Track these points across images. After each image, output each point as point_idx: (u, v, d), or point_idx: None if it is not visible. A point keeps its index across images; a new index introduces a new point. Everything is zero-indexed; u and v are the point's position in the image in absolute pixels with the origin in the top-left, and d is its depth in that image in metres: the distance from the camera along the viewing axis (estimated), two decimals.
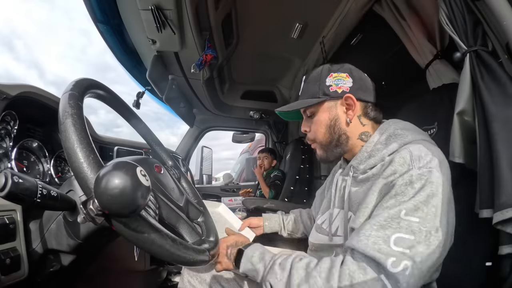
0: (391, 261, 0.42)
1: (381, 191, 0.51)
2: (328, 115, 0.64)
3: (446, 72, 0.88)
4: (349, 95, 0.61)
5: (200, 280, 0.68)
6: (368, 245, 0.44)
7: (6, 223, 0.47)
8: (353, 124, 0.63)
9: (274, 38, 1.54)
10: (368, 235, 0.45)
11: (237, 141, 2.73)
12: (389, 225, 0.45)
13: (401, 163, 0.50)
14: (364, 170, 0.60)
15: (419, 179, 0.47)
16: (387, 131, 0.60)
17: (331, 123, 0.63)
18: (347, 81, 0.62)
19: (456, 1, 0.60)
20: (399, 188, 0.48)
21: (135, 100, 1.45)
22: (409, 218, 0.44)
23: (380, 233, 0.45)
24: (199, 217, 0.66)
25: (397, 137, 0.57)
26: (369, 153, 0.60)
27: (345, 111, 0.63)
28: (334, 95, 0.62)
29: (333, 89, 0.62)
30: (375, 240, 0.44)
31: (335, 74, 0.63)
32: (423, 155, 0.50)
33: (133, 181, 0.31)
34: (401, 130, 0.58)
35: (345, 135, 0.63)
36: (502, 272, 0.50)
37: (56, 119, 0.38)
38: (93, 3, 1.08)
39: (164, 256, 0.38)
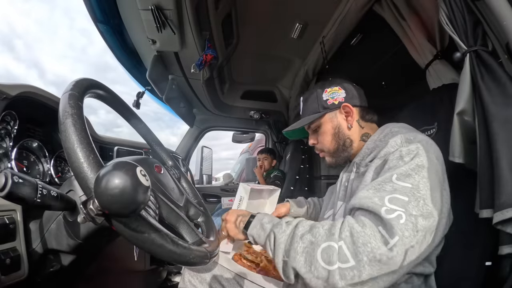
0: (385, 209, 0.46)
1: (376, 170, 0.57)
2: (331, 124, 0.72)
3: (446, 72, 0.88)
4: (345, 104, 0.70)
5: (200, 280, 0.68)
6: (363, 200, 0.49)
7: (6, 223, 0.47)
8: (354, 128, 0.71)
9: (274, 38, 1.54)
10: (363, 196, 0.50)
11: (237, 141, 2.73)
12: (383, 188, 0.49)
13: (392, 145, 0.57)
14: (365, 164, 0.66)
15: (408, 153, 0.53)
16: (385, 130, 0.66)
17: (335, 131, 0.72)
18: (341, 92, 0.71)
19: (456, 1, 0.60)
20: (391, 162, 0.54)
21: (135, 100, 1.45)
22: (402, 184, 0.48)
23: (375, 194, 0.49)
24: (199, 217, 0.66)
25: (394, 134, 0.62)
26: (370, 150, 0.66)
27: (344, 118, 0.71)
28: (332, 106, 0.71)
29: (330, 102, 0.71)
30: (370, 197, 0.49)
31: (329, 89, 0.72)
32: (412, 138, 0.56)
33: (133, 181, 0.31)
34: (397, 128, 0.64)
35: (349, 139, 0.71)
36: (502, 272, 0.50)
37: (56, 119, 0.38)
38: (93, 3, 1.08)
39: (164, 256, 0.38)
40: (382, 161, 0.57)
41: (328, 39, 1.43)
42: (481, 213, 0.53)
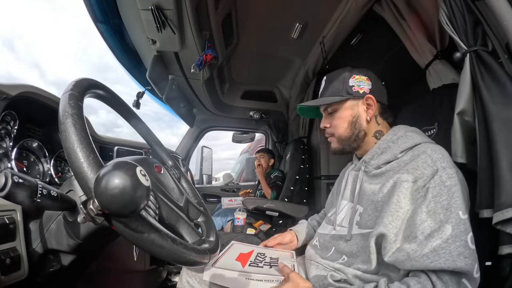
0: (477, 267, 0.46)
1: (414, 196, 0.54)
2: (351, 112, 0.69)
3: (446, 72, 0.88)
4: (370, 95, 0.68)
5: (199, 280, 0.68)
6: (453, 257, 0.46)
7: (6, 223, 0.47)
8: (371, 122, 0.69)
9: (274, 38, 1.54)
10: (444, 248, 0.47)
11: (237, 141, 2.73)
12: (458, 228, 0.48)
13: (425, 166, 0.55)
14: (377, 165, 0.65)
15: (448, 178, 0.52)
16: (399, 132, 0.66)
17: (353, 119, 0.69)
18: (367, 83, 0.69)
19: (456, 1, 0.60)
20: (434, 190, 0.52)
21: (135, 100, 1.45)
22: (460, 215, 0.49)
23: (453, 240, 0.47)
24: (199, 217, 0.66)
25: (407, 138, 0.63)
26: (382, 150, 0.65)
27: (365, 109, 0.69)
28: (357, 94, 0.68)
29: (356, 89, 0.68)
30: (457, 249, 0.46)
31: (357, 76, 0.69)
32: (440, 156, 0.56)
33: (133, 181, 0.31)
34: (411, 132, 0.65)
35: (363, 132, 0.69)
36: (502, 272, 0.50)
37: (56, 119, 0.38)
38: (93, 3, 1.08)
39: (164, 256, 0.38)
40: (418, 186, 0.54)
41: (328, 39, 1.43)
42: (481, 213, 0.53)
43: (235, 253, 0.75)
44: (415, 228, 0.51)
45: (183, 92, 1.79)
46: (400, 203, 0.55)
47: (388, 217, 0.55)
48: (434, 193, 0.52)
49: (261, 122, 2.48)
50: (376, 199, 0.61)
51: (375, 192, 0.62)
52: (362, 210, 0.64)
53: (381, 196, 0.60)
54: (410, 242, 0.51)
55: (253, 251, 0.79)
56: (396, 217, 0.54)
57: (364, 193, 0.65)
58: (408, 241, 0.51)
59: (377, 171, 0.65)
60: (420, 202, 0.53)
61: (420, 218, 0.51)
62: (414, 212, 0.53)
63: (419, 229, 0.50)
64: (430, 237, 0.49)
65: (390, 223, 0.54)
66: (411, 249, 0.50)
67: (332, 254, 0.67)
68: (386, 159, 0.63)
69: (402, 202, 0.55)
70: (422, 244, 0.49)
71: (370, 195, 0.63)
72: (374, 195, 0.62)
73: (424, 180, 0.54)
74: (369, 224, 0.61)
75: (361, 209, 0.64)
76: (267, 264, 0.70)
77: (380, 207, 0.59)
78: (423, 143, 0.61)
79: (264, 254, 0.77)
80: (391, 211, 0.55)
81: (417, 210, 0.52)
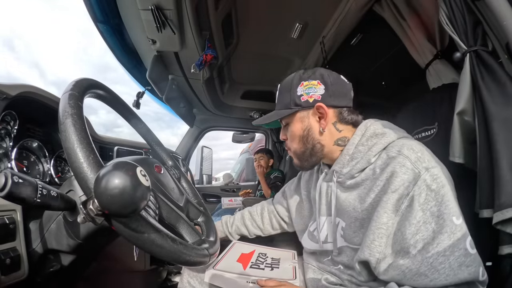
0: (482, 270, 0.44)
1: (396, 207, 0.49)
2: (301, 125, 0.62)
3: (446, 72, 0.88)
4: (320, 104, 0.59)
5: (200, 281, 0.68)
6: (454, 270, 0.42)
7: (6, 223, 0.47)
8: (328, 132, 0.61)
9: (274, 38, 1.54)
10: (442, 263, 0.43)
11: (237, 141, 2.73)
12: (454, 237, 0.44)
13: (404, 171, 0.49)
14: (351, 175, 0.58)
15: (434, 180, 0.47)
16: (367, 131, 0.59)
17: (304, 133, 0.62)
18: (319, 88, 0.60)
19: (456, 1, 0.60)
20: (419, 197, 0.47)
21: (135, 100, 1.45)
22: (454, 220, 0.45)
23: (451, 251, 0.43)
24: (199, 217, 0.66)
25: (379, 137, 0.56)
26: (351, 156, 0.58)
27: (317, 120, 0.61)
28: (306, 105, 0.61)
29: (304, 98, 0.60)
30: (456, 260, 0.43)
31: (306, 82, 0.61)
32: (419, 155, 0.50)
33: (133, 181, 0.31)
34: (381, 129, 0.58)
35: (319, 144, 0.62)
36: (502, 272, 0.50)
37: (56, 119, 0.38)
38: (93, 3, 1.08)
39: (164, 256, 0.38)
40: (401, 195, 0.49)
41: (328, 39, 1.43)
42: (481, 213, 0.53)
43: (236, 253, 0.75)
44: (406, 242, 0.47)
45: (183, 92, 1.79)
46: (380, 219, 0.49)
47: (369, 236, 0.50)
48: (421, 200, 0.47)
49: None
50: (361, 216, 0.56)
51: (356, 209, 0.57)
52: (344, 225, 0.60)
53: (366, 213, 0.55)
54: (403, 258, 0.47)
55: (254, 251, 0.79)
56: (378, 235, 0.49)
57: (342, 207, 0.60)
58: (401, 256, 0.47)
59: (352, 182, 0.58)
60: (406, 212, 0.48)
61: (409, 231, 0.46)
62: (400, 225, 0.48)
63: (410, 244, 0.46)
64: (425, 251, 0.44)
65: (372, 242, 0.50)
66: (405, 267, 0.46)
67: (328, 261, 0.66)
68: (359, 167, 0.57)
69: (383, 217, 0.49)
70: (416, 259, 0.45)
71: (351, 211, 0.58)
72: (356, 212, 0.57)
73: (406, 187, 0.48)
74: (355, 241, 0.57)
75: (343, 224, 0.60)
76: (268, 266, 0.70)
77: (366, 222, 0.55)
78: (396, 141, 0.55)
79: (266, 255, 0.77)
80: (372, 230, 0.50)
81: (404, 222, 0.47)
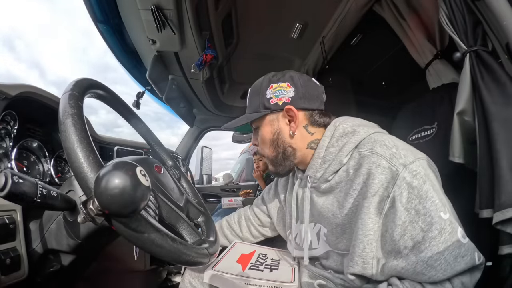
0: (477, 255, 0.44)
1: (379, 210, 0.48)
2: (271, 129, 0.61)
3: (446, 72, 0.88)
4: (289, 106, 0.58)
5: (201, 281, 0.68)
6: (450, 264, 0.42)
7: (6, 223, 0.47)
8: (299, 135, 0.60)
9: (274, 38, 1.54)
10: (437, 259, 0.42)
11: (237, 141, 2.73)
12: (445, 232, 0.43)
13: (380, 171, 0.47)
14: (324, 179, 0.57)
15: (414, 176, 0.46)
16: (336, 131, 0.57)
17: (274, 137, 0.61)
18: (288, 91, 0.59)
19: (456, 1, 0.60)
20: (401, 197, 0.45)
21: (135, 100, 1.45)
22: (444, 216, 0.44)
23: (446, 246, 0.43)
24: (199, 217, 0.66)
25: (349, 136, 0.55)
26: (323, 159, 0.57)
27: (287, 123, 0.60)
28: (275, 107, 0.59)
29: (274, 101, 0.59)
30: (451, 254, 0.42)
31: (275, 85, 0.60)
32: (393, 150, 0.48)
33: (133, 181, 0.31)
34: (350, 127, 0.56)
35: (290, 148, 0.61)
36: (502, 272, 0.50)
37: (56, 119, 0.38)
38: (93, 3, 1.08)
39: (164, 256, 0.38)
40: (381, 197, 0.47)
41: (328, 39, 1.43)
42: (481, 213, 0.53)
43: (236, 254, 0.75)
44: (395, 243, 0.46)
45: (183, 92, 1.79)
46: (366, 225, 0.48)
47: (359, 246, 0.49)
48: (403, 200, 0.45)
49: None
50: (341, 222, 0.55)
51: (336, 215, 0.56)
52: (326, 231, 0.59)
53: (346, 218, 0.54)
54: (396, 258, 0.46)
55: (255, 251, 0.79)
56: (367, 243, 0.49)
57: (321, 213, 0.59)
58: (393, 257, 0.47)
59: (326, 185, 0.57)
60: (390, 214, 0.46)
61: (396, 232, 0.45)
62: (387, 227, 0.47)
63: (400, 244, 0.45)
64: (417, 251, 0.44)
65: (363, 250, 0.49)
66: (400, 267, 0.45)
67: (319, 264, 0.66)
68: (332, 170, 0.56)
69: (369, 223, 0.48)
70: (411, 260, 0.44)
71: (331, 217, 0.57)
72: (336, 218, 0.56)
73: (385, 188, 0.47)
74: (341, 246, 0.56)
75: (325, 230, 0.59)
76: (268, 267, 0.70)
77: (349, 229, 0.54)
78: (367, 137, 0.53)
79: (266, 255, 0.77)
80: (360, 238, 0.49)
81: (390, 224, 0.46)
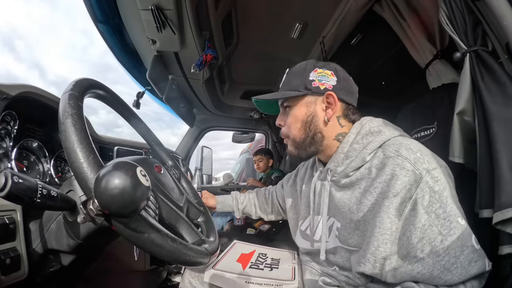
0: (487, 261, 0.45)
1: (399, 211, 0.48)
2: (306, 110, 0.61)
3: (446, 72, 0.88)
4: (330, 92, 0.58)
5: (201, 281, 0.68)
6: (465, 268, 0.43)
7: (6, 223, 0.47)
8: (331, 123, 0.60)
9: (274, 38, 1.54)
10: (454, 263, 0.43)
11: (237, 141, 2.73)
12: (462, 237, 0.45)
13: (404, 173, 0.48)
14: (345, 174, 0.57)
15: (436, 182, 0.47)
16: (362, 129, 0.58)
17: (308, 119, 0.60)
18: (331, 79, 0.60)
19: (456, 1, 0.60)
20: (423, 200, 0.46)
21: (135, 100, 1.45)
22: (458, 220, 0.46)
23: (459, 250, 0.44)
24: (199, 217, 0.66)
25: (374, 135, 0.56)
26: (346, 154, 0.58)
27: (324, 109, 0.60)
28: (316, 90, 0.59)
29: (316, 84, 0.59)
30: (466, 258, 0.44)
31: (320, 70, 0.61)
32: (418, 155, 0.50)
33: (133, 181, 0.31)
34: (377, 127, 0.57)
35: (320, 134, 0.60)
36: (502, 272, 0.50)
37: (56, 119, 0.38)
38: (93, 3, 1.08)
39: (164, 256, 0.38)
40: (403, 198, 0.48)
41: (328, 39, 1.43)
42: (481, 213, 0.53)
43: (236, 253, 0.75)
44: (412, 247, 0.46)
45: (183, 92, 1.79)
46: (384, 225, 0.49)
47: (374, 243, 0.49)
48: (425, 203, 0.46)
49: (261, 122, 2.47)
50: (356, 218, 0.55)
51: (352, 210, 0.55)
52: (339, 226, 0.59)
53: (361, 215, 0.54)
54: (412, 263, 0.46)
55: (254, 251, 0.79)
56: (382, 242, 0.49)
57: (337, 207, 0.59)
58: (409, 261, 0.46)
59: (346, 181, 0.57)
60: (410, 216, 0.47)
61: (415, 235, 0.46)
62: (405, 230, 0.47)
63: (418, 247, 0.45)
64: (435, 255, 0.44)
65: (377, 249, 0.49)
66: (416, 272, 0.45)
67: (324, 261, 0.65)
68: (354, 166, 0.56)
69: (387, 223, 0.48)
70: (427, 263, 0.45)
71: (346, 212, 0.57)
72: (352, 213, 0.55)
73: (408, 190, 0.48)
74: (351, 242, 0.56)
75: (338, 224, 0.59)
76: (268, 266, 0.70)
77: (362, 226, 0.54)
78: (392, 139, 0.54)
79: (266, 255, 0.77)
80: (376, 236, 0.49)
81: (409, 227, 0.47)
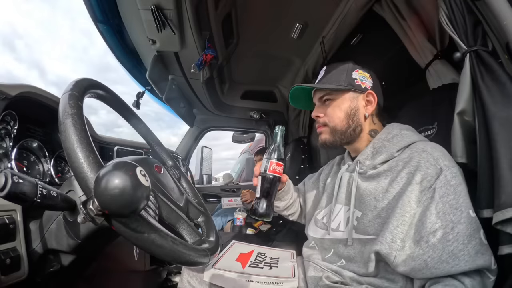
0: (493, 260, 0.47)
1: (420, 198, 0.53)
2: (350, 104, 0.67)
3: (446, 72, 0.88)
4: (371, 91, 0.67)
5: (200, 281, 0.68)
6: (472, 257, 0.46)
7: (6, 223, 0.47)
8: (369, 119, 0.68)
9: (274, 38, 1.54)
10: (462, 250, 0.47)
11: (237, 141, 2.73)
12: (471, 227, 0.48)
13: (428, 166, 0.54)
14: (373, 166, 0.63)
15: (453, 177, 0.52)
16: (393, 130, 0.65)
17: (351, 112, 0.67)
18: (369, 80, 0.69)
19: (456, 1, 0.60)
20: (440, 190, 0.51)
21: (135, 100, 1.45)
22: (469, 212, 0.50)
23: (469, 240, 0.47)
24: (199, 217, 0.66)
25: (403, 137, 0.63)
26: (376, 149, 0.64)
27: (364, 105, 0.67)
28: (358, 88, 0.67)
29: (358, 82, 0.67)
30: (474, 248, 0.47)
31: (360, 71, 0.69)
32: (441, 154, 0.55)
33: (133, 181, 0.31)
34: (406, 131, 0.65)
35: (360, 127, 0.67)
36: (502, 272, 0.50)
37: (56, 119, 0.38)
38: (93, 3, 1.08)
39: (164, 256, 0.38)
40: (423, 187, 0.53)
41: (328, 39, 1.43)
42: (481, 213, 0.53)
43: (235, 253, 0.75)
44: (426, 231, 0.50)
45: (183, 92, 1.79)
46: (404, 207, 0.53)
47: (393, 223, 0.53)
48: (441, 193, 0.51)
49: (261, 122, 2.47)
50: (381, 205, 0.58)
51: (378, 198, 0.59)
52: (360, 215, 0.62)
53: (386, 202, 0.58)
54: (423, 247, 0.50)
55: (253, 251, 0.79)
56: (401, 222, 0.53)
57: (362, 197, 0.63)
58: (420, 246, 0.50)
59: (373, 172, 0.63)
60: (428, 203, 0.52)
61: (430, 220, 0.50)
62: (422, 216, 0.51)
63: (430, 232, 0.49)
64: (445, 240, 0.48)
65: (396, 228, 0.53)
66: (427, 256, 0.48)
67: (331, 256, 0.66)
68: (382, 159, 0.62)
69: (407, 206, 0.53)
70: (437, 248, 0.48)
71: (371, 200, 0.61)
72: (377, 201, 0.59)
73: (429, 180, 0.53)
74: (369, 231, 0.59)
75: (359, 214, 0.62)
76: (267, 265, 0.70)
77: (384, 213, 0.57)
78: (420, 141, 0.61)
79: (265, 254, 0.78)
80: (396, 216, 0.54)
81: (425, 212, 0.51)
